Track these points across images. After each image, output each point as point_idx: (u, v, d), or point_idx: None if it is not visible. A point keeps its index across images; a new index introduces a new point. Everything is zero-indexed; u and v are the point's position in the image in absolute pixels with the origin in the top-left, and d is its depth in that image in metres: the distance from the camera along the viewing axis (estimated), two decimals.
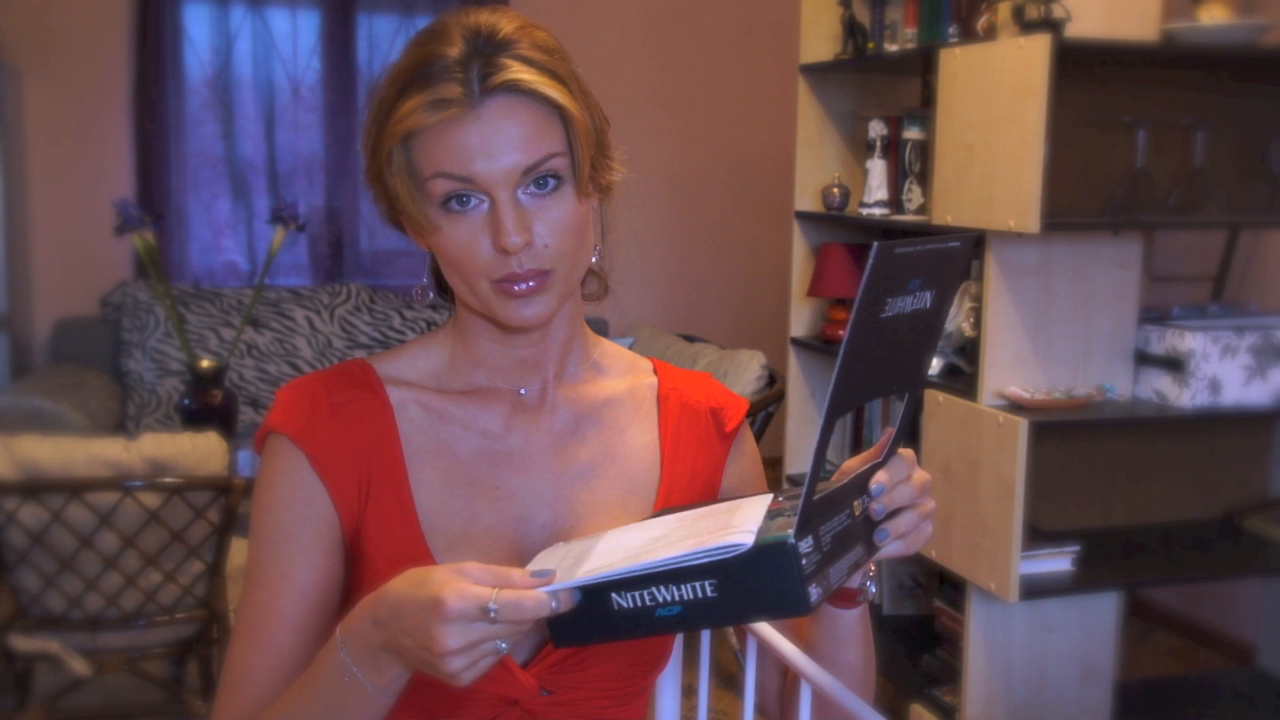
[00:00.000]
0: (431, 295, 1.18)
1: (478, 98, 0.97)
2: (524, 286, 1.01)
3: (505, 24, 1.01)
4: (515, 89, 0.98)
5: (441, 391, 1.11)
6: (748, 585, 0.85)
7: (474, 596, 0.84)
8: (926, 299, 0.92)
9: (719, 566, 0.85)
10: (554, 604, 0.84)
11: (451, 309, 1.16)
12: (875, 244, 0.82)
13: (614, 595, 0.88)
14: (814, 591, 0.85)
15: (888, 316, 0.87)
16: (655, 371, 1.20)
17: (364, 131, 1.04)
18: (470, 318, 1.10)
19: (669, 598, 0.86)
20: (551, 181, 1.00)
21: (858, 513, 0.95)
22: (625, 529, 0.98)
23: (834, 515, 0.91)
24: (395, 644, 0.87)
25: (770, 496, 0.98)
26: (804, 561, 0.84)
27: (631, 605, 0.87)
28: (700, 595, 0.86)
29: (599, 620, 0.89)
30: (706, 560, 0.85)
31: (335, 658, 0.91)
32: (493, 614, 0.83)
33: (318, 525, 1.04)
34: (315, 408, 1.06)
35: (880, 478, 0.97)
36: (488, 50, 0.99)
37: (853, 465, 1.00)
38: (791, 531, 0.84)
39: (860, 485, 0.97)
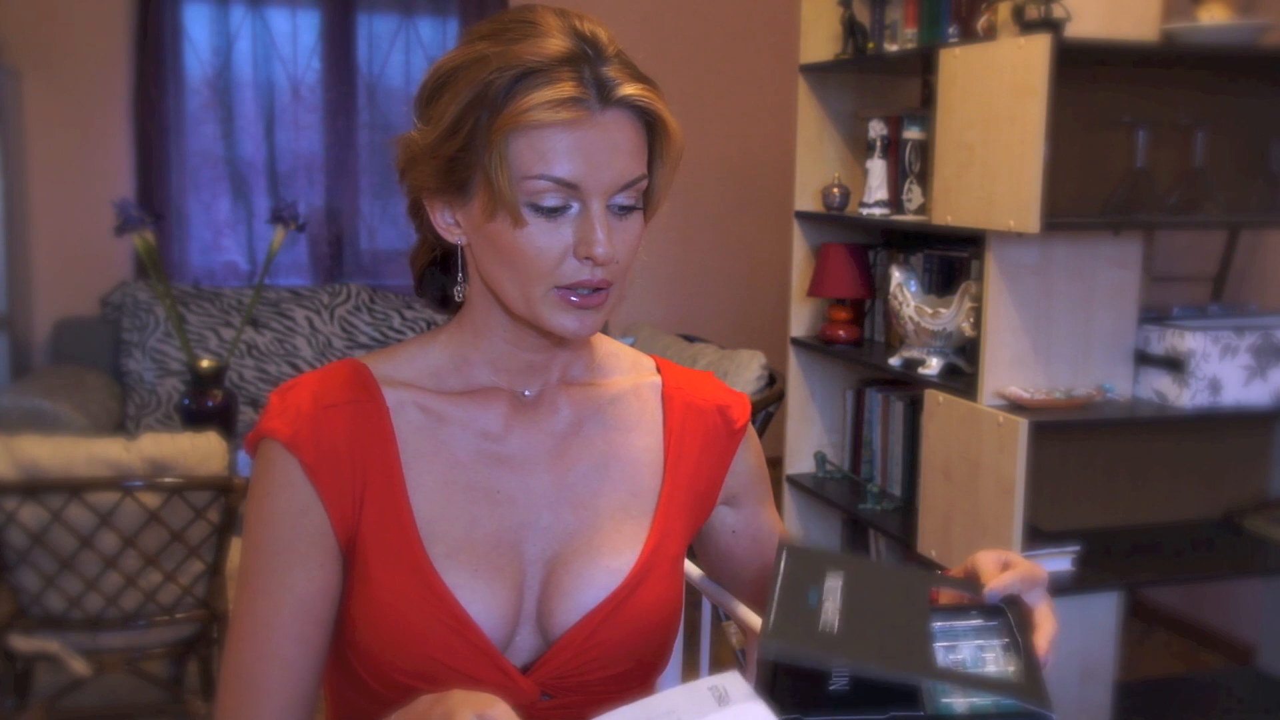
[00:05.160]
0: (456, 290, 1.13)
1: (598, 106, 0.98)
2: (588, 297, 1.01)
3: (610, 39, 1.01)
4: (633, 105, 1.00)
5: (440, 392, 1.09)
6: None
7: None
8: None
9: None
10: None
11: (448, 316, 1.14)
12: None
13: (833, 684, 0.87)
14: None
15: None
16: (659, 370, 1.19)
17: (446, 105, 0.99)
18: (488, 318, 1.08)
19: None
20: (629, 207, 1.02)
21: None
22: (680, 700, 0.90)
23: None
24: None
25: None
26: None
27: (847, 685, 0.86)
28: None
29: (813, 688, 0.87)
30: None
31: None
32: None
33: (313, 535, 1.03)
34: (309, 412, 1.04)
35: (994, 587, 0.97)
36: (599, 59, 0.99)
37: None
38: (1051, 711, 0.85)
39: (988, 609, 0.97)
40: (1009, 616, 0.96)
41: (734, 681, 0.89)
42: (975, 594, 0.97)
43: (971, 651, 0.92)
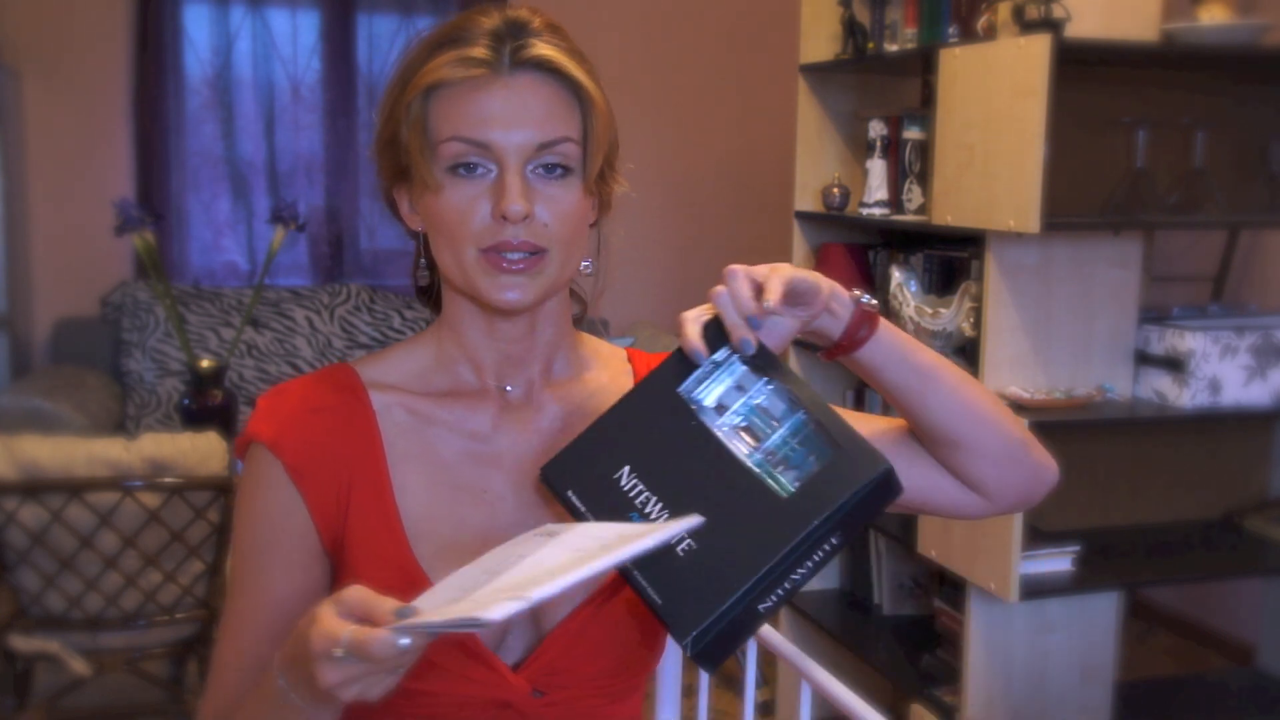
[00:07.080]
0: (427, 276, 1.16)
1: (508, 67, 1.01)
2: (515, 262, 1.01)
3: (541, 17, 1.05)
4: (544, 67, 1.02)
5: (426, 394, 1.10)
6: (862, 516, 0.90)
7: (329, 636, 0.79)
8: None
9: (841, 519, 0.88)
10: (403, 642, 0.76)
11: (436, 313, 1.15)
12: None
13: (759, 606, 0.89)
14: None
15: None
16: (630, 360, 1.21)
17: (384, 93, 1.06)
18: (457, 309, 1.09)
19: (803, 572, 0.89)
20: (560, 170, 1.02)
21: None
22: (518, 547, 0.91)
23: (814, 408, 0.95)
24: (300, 675, 0.85)
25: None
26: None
27: (774, 601, 0.89)
28: (828, 551, 0.89)
29: (740, 630, 0.90)
30: (832, 515, 0.88)
31: (275, 681, 0.89)
32: (339, 655, 0.78)
33: (294, 537, 1.04)
34: (293, 415, 1.06)
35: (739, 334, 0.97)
36: (523, 32, 1.02)
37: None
38: (882, 461, 0.90)
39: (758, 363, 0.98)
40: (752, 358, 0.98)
41: (571, 527, 0.92)
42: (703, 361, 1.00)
43: (747, 414, 0.97)
